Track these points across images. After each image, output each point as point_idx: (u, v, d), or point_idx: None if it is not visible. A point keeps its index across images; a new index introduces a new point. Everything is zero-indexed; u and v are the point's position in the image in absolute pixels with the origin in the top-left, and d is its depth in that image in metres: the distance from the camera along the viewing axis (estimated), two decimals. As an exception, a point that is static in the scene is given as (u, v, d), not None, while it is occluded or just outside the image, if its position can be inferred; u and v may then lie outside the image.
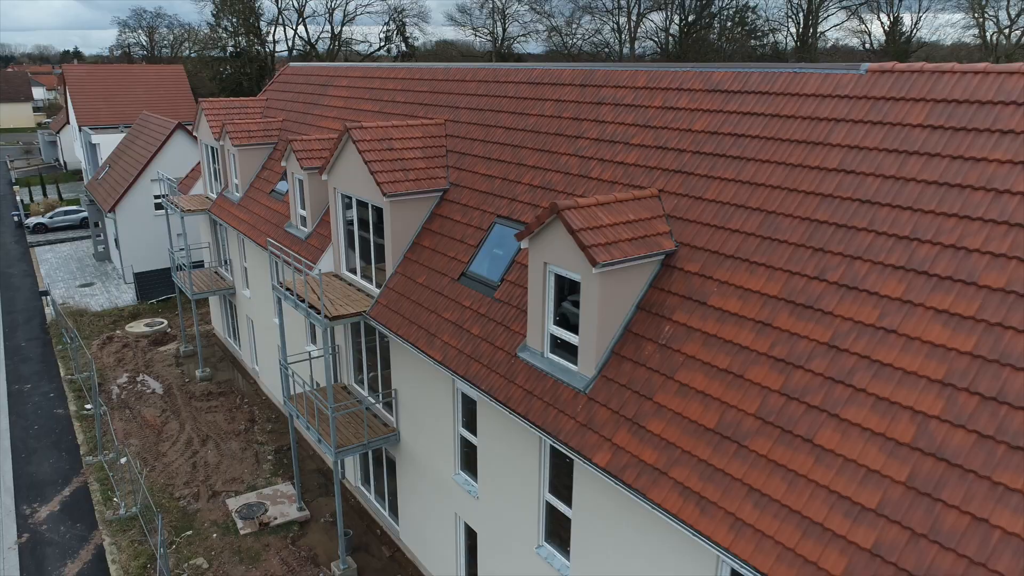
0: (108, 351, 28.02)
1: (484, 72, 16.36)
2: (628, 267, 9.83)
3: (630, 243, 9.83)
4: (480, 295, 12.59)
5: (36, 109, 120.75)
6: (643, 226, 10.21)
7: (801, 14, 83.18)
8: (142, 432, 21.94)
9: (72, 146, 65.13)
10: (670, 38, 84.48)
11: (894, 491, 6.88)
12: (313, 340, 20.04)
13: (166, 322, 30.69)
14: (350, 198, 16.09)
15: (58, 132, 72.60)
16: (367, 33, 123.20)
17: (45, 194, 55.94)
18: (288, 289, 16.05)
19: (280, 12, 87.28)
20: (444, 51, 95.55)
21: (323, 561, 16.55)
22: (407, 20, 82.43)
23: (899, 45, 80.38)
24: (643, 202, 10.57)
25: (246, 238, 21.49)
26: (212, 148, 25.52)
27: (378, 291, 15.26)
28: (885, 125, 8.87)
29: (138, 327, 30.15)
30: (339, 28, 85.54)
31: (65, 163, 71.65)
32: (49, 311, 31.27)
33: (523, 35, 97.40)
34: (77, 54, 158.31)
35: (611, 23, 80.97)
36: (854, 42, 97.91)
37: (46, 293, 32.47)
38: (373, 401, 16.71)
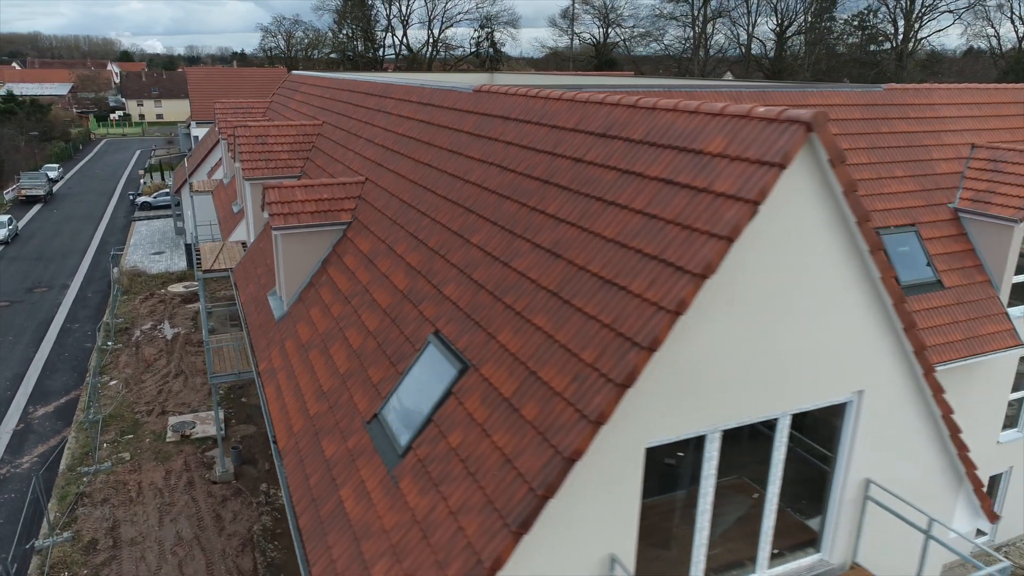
0: (146, 304, 34.42)
1: (351, 83, 20.16)
2: (309, 232, 13.34)
3: (311, 215, 13.33)
4: (276, 255, 16.46)
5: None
6: (334, 204, 13.66)
7: (900, 18, 79.57)
8: (137, 364, 27.63)
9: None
10: (755, 42, 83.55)
11: (335, 381, 10.09)
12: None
13: (201, 285, 36.86)
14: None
15: (189, 126, 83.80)
16: (463, 38, 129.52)
17: (163, 178, 65.59)
18: (197, 250, 20.69)
19: (389, 20, 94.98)
20: (540, 56, 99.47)
21: (215, 467, 21.05)
22: (496, 27, 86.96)
23: (1030, 51, 74.71)
24: (346, 187, 14.00)
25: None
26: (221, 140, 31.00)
27: (251, 254, 19.49)
28: (451, 131, 11.85)
29: (177, 288, 36.52)
30: (438, 33, 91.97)
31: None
32: (115, 270, 38.41)
33: (625, 40, 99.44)
34: (242, 56, 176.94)
35: (693, 30, 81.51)
36: (980, 46, 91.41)
37: (112, 255, 39.80)
38: (259, 344, 20.99)
